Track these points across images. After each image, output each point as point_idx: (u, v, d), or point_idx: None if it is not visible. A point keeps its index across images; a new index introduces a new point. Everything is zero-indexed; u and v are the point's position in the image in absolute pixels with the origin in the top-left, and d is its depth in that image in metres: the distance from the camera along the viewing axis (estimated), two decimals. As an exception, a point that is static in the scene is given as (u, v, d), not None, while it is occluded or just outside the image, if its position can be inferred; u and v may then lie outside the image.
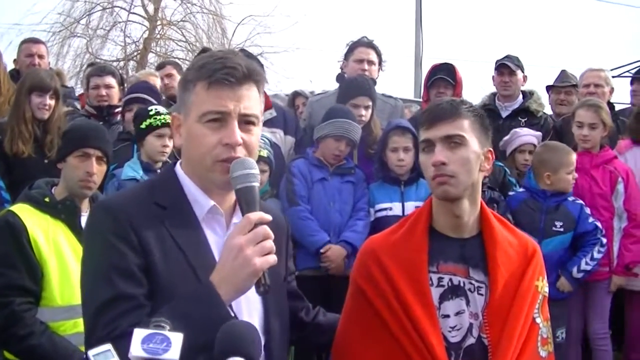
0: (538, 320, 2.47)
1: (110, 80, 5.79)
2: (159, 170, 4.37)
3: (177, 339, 1.62)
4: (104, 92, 5.69)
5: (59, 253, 3.35)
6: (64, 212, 3.43)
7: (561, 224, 4.88)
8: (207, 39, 21.96)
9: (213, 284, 1.87)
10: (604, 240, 4.89)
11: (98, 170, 3.53)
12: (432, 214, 2.51)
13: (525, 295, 2.43)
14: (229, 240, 1.90)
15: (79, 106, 6.31)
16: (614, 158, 5.17)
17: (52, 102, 4.89)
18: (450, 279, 2.44)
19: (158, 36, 22.62)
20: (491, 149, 2.47)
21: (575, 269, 4.85)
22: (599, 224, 4.89)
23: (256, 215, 1.90)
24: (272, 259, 1.88)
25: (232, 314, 1.90)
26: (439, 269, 2.45)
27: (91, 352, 1.60)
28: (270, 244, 1.88)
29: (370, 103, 5.25)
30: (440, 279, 2.44)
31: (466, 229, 2.47)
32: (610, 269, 5.07)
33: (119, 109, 5.58)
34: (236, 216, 2.10)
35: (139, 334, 1.62)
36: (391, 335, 2.41)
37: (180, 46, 22.46)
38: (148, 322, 1.66)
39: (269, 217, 1.92)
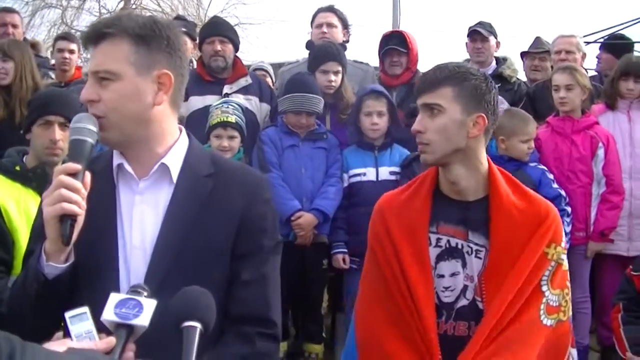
0: (544, 288, 2.47)
1: (74, 47, 5.96)
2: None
3: (150, 305, 1.63)
4: (67, 55, 5.78)
5: (30, 222, 3.28)
6: (35, 180, 3.40)
7: None
8: (183, 9, 21.78)
9: None
10: (569, 209, 4.88)
11: (63, 136, 3.46)
12: (439, 177, 2.57)
13: (527, 261, 2.44)
14: None
15: (53, 76, 6.29)
16: (596, 123, 5.18)
17: (7, 65, 4.89)
18: (448, 241, 2.51)
19: (134, 6, 22.38)
20: (483, 115, 2.46)
21: None
22: (562, 192, 4.89)
23: (61, 166, 1.90)
24: (59, 207, 1.82)
25: (42, 264, 1.89)
26: (439, 229, 2.51)
27: (67, 314, 1.63)
28: (59, 192, 1.83)
29: (339, 68, 5.24)
30: (438, 240, 2.51)
31: (469, 192, 2.52)
32: (587, 234, 5.09)
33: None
34: (153, 174, 2.08)
35: (114, 298, 1.64)
36: (391, 293, 2.49)
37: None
38: None
39: (74, 167, 1.88)
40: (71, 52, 5.98)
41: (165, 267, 1.98)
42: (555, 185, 4.90)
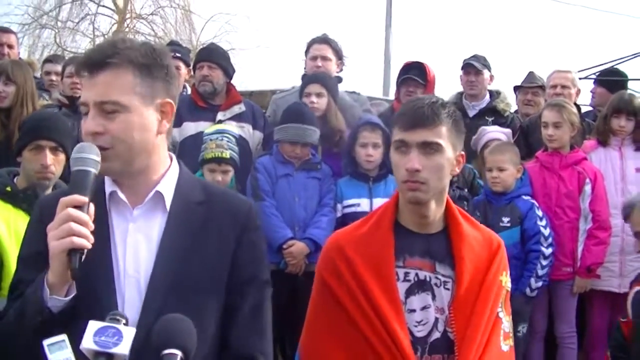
0: (501, 314, 2.50)
1: None
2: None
3: (129, 333, 1.63)
4: (77, 80, 5.70)
5: (20, 243, 3.28)
6: (26, 201, 3.36)
7: (508, 219, 4.94)
8: (176, 33, 21.92)
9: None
10: (546, 250, 4.91)
11: (54, 160, 3.46)
12: (399, 210, 2.52)
13: (490, 290, 2.45)
14: None
15: (47, 97, 6.28)
16: (584, 159, 5.21)
17: (8, 89, 4.89)
18: (417, 274, 2.46)
19: (127, 29, 22.50)
20: (462, 153, 2.49)
21: (528, 290, 4.91)
22: (545, 231, 4.92)
23: (67, 198, 1.84)
24: (67, 242, 1.79)
25: (44, 297, 1.83)
26: (405, 263, 2.46)
27: (46, 342, 1.62)
28: (68, 226, 1.80)
29: (321, 90, 5.25)
30: (406, 274, 2.46)
31: (433, 225, 2.50)
32: (574, 269, 5.09)
33: None
34: (147, 202, 2.06)
35: (92, 325, 1.63)
36: (358, 330, 2.41)
37: (149, 40, 22.32)
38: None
39: (81, 199, 1.84)
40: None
41: (162, 297, 1.96)
42: (540, 223, 4.95)
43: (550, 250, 4.93)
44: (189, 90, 5.65)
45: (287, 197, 4.88)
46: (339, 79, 5.64)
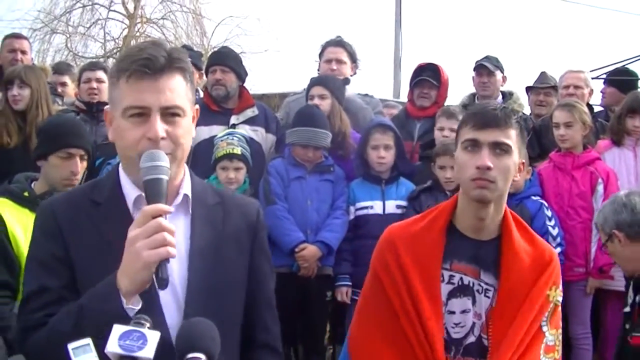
0: (545, 328, 2.54)
1: (102, 75, 5.87)
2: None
3: (153, 337, 1.64)
4: (94, 85, 5.80)
5: (38, 248, 3.32)
6: (43, 206, 3.40)
7: None
8: (187, 38, 21.94)
9: (116, 277, 1.85)
10: (557, 251, 4.89)
11: (81, 168, 3.54)
12: (456, 213, 2.58)
13: (533, 303, 2.50)
14: (128, 234, 1.87)
15: (60, 102, 6.31)
16: (597, 159, 5.20)
17: (23, 92, 4.98)
18: (461, 278, 2.54)
19: (137, 34, 22.53)
20: (524, 161, 2.55)
21: None
22: (553, 231, 4.92)
23: (151, 207, 1.85)
24: (163, 251, 1.80)
25: (124, 307, 1.83)
26: (452, 267, 2.54)
27: (70, 346, 1.61)
28: (162, 236, 1.81)
29: (324, 92, 5.25)
30: (451, 277, 2.54)
31: (487, 231, 2.55)
32: (587, 270, 5.08)
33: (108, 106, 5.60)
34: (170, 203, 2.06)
35: (117, 329, 1.63)
36: (399, 323, 2.51)
37: (161, 44, 22.37)
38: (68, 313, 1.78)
39: (169, 209, 1.87)
40: (98, 80, 5.93)
41: (203, 299, 2.00)
42: (549, 223, 4.95)
43: (558, 249, 4.91)
44: (201, 94, 5.67)
45: (299, 200, 4.90)
46: (347, 81, 5.63)
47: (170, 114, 1.96)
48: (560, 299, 2.60)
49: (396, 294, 2.53)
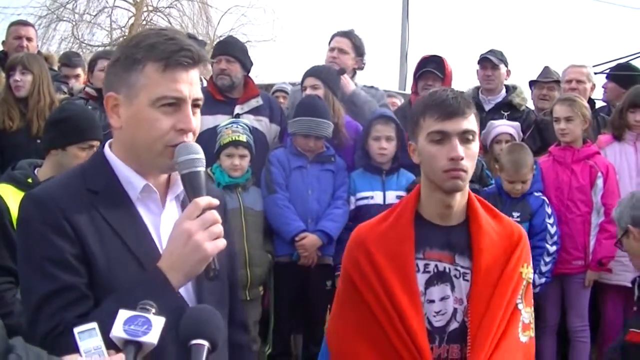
0: (520, 306, 2.54)
1: None
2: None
3: (158, 322, 1.64)
4: None
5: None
6: (47, 193, 3.43)
7: (518, 214, 4.96)
8: (193, 27, 21.95)
9: (163, 271, 1.85)
10: (551, 248, 4.98)
11: None
12: (420, 202, 2.57)
13: (508, 281, 2.50)
14: (177, 225, 1.87)
15: (65, 90, 6.34)
16: (596, 153, 5.22)
17: (26, 78, 5.03)
18: (436, 265, 2.52)
19: (144, 22, 22.55)
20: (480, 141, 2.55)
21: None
22: (551, 229, 4.97)
23: (204, 200, 1.88)
24: (222, 243, 1.87)
25: (178, 299, 1.88)
26: (425, 255, 2.52)
27: (76, 330, 1.61)
28: (219, 228, 1.86)
29: (316, 82, 5.25)
30: (426, 265, 2.52)
31: (454, 217, 2.54)
32: (586, 263, 5.11)
33: None
34: (170, 194, 2.08)
35: (123, 314, 1.63)
36: (378, 323, 2.48)
37: (166, 33, 22.36)
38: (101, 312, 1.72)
39: (216, 202, 1.91)
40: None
41: (210, 286, 2.02)
42: (548, 220, 5.00)
43: (554, 248, 4.99)
44: (204, 83, 5.69)
45: (300, 190, 4.92)
46: (342, 70, 5.60)
47: (195, 105, 1.98)
48: (531, 276, 2.61)
49: (371, 293, 2.51)
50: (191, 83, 1.96)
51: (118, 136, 2.04)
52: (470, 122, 2.44)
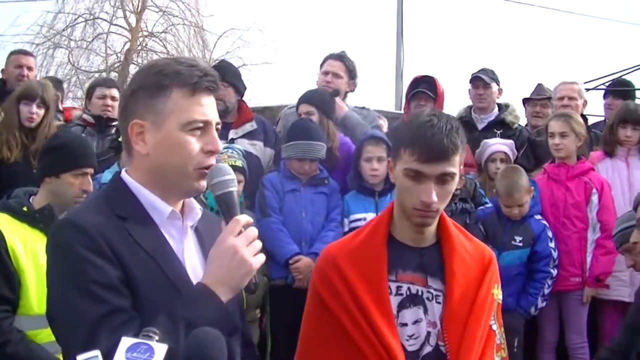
0: (494, 327, 2.51)
1: (116, 93, 5.92)
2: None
3: (161, 350, 1.63)
4: (109, 102, 5.86)
5: (36, 262, 3.36)
6: (42, 221, 3.45)
7: (520, 239, 4.99)
8: (189, 51, 22.01)
9: (209, 286, 1.89)
10: (554, 272, 5.01)
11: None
12: (393, 223, 2.52)
13: (483, 303, 2.46)
14: (222, 242, 1.93)
15: (61, 118, 6.38)
16: (591, 169, 5.23)
17: (40, 111, 5.07)
18: (409, 288, 2.46)
19: (139, 47, 22.65)
20: (461, 166, 2.46)
21: (533, 309, 5.02)
22: (554, 254, 4.99)
23: (244, 217, 1.97)
24: (262, 258, 1.95)
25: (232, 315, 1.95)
26: (398, 277, 2.46)
27: (79, 357, 1.59)
28: (259, 244, 1.95)
29: (311, 109, 5.26)
30: (398, 288, 2.45)
31: (426, 239, 2.49)
32: (583, 279, 5.11)
33: (116, 122, 5.66)
34: (189, 220, 2.12)
35: (125, 342, 1.63)
36: (352, 342, 2.41)
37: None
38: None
39: (251, 220, 1.99)
40: (113, 98, 5.92)
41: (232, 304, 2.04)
42: (551, 245, 5.02)
43: (555, 271, 5.03)
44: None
45: (294, 212, 4.93)
46: (336, 92, 5.61)
47: (216, 128, 2.06)
48: (501, 297, 2.58)
49: (346, 314, 2.42)
50: (213, 107, 2.06)
51: (142, 162, 2.05)
52: (452, 163, 2.31)
